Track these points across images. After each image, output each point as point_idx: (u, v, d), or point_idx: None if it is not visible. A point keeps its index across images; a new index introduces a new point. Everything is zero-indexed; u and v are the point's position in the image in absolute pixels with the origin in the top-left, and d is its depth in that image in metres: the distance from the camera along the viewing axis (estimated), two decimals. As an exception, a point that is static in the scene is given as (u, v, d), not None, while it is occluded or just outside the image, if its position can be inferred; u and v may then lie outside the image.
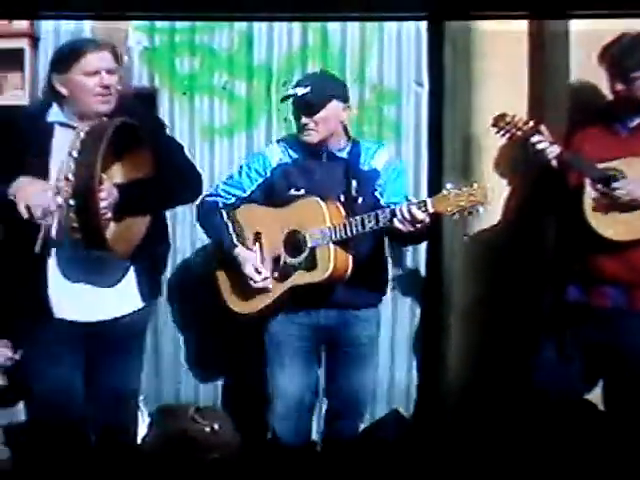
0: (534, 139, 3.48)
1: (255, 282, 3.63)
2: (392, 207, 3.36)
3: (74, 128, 3.24)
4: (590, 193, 3.41)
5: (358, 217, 3.41)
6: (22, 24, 4.28)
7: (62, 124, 3.31)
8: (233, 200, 3.73)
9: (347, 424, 3.90)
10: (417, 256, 4.43)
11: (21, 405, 4.08)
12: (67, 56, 3.30)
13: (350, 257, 3.52)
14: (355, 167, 3.64)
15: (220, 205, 3.72)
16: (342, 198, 3.59)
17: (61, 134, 3.29)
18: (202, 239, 4.44)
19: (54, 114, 3.32)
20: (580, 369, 3.57)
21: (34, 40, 4.27)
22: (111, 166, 3.21)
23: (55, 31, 4.29)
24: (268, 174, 3.68)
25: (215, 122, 4.50)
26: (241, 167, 3.79)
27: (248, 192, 3.71)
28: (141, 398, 4.42)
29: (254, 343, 3.89)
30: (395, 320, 4.50)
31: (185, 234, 4.52)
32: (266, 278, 3.63)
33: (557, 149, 3.46)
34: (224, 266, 3.78)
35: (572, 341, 3.56)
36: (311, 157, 3.66)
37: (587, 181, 3.41)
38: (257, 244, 3.69)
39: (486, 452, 3.92)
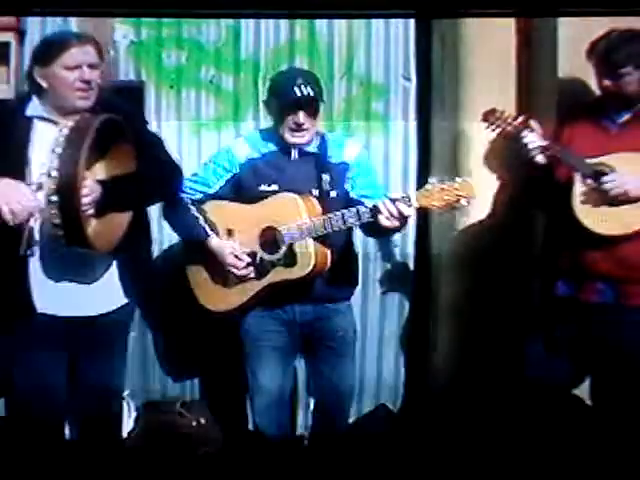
0: (524, 134, 3.47)
1: (238, 270, 3.59)
2: (374, 203, 3.35)
3: (54, 123, 3.22)
4: (580, 188, 3.41)
5: (339, 213, 3.40)
6: (8, 17, 4.24)
7: (42, 118, 3.27)
8: (200, 196, 3.69)
9: (333, 419, 3.90)
10: (405, 251, 4.42)
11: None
12: (49, 49, 3.26)
13: (329, 252, 3.51)
14: (325, 161, 3.63)
15: (188, 201, 3.67)
16: (316, 193, 3.57)
17: (41, 129, 3.26)
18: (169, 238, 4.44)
19: (33, 108, 3.28)
20: (568, 363, 3.58)
21: (20, 34, 4.23)
22: (94, 162, 3.17)
23: (41, 25, 4.25)
24: (236, 169, 3.65)
25: (202, 116, 4.48)
26: (206, 163, 3.77)
27: (215, 188, 3.68)
28: (127, 392, 4.43)
29: (231, 339, 3.87)
30: (383, 315, 4.49)
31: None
32: (248, 265, 3.59)
33: (547, 144, 3.46)
34: (196, 263, 3.74)
35: (560, 336, 3.57)
36: (281, 152, 3.64)
37: (577, 176, 3.41)
38: (231, 240, 3.65)
39: (474, 446, 3.93)
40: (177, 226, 3.75)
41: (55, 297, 3.28)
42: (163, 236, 4.35)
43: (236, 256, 3.59)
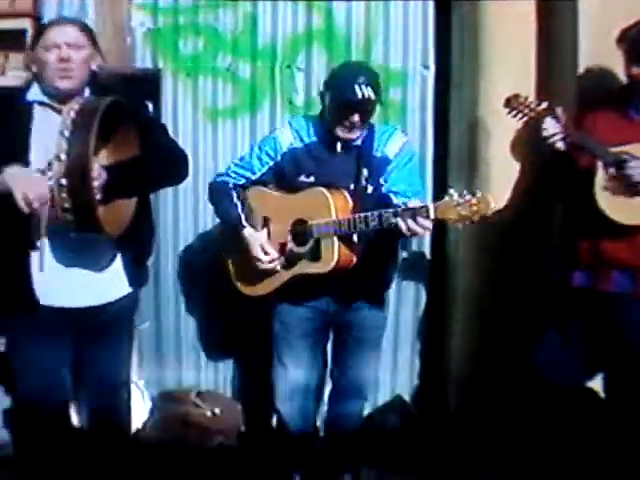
0: (546, 120, 3.42)
1: (262, 263, 3.61)
2: (396, 209, 3.30)
3: (52, 107, 3.22)
4: (602, 176, 3.36)
5: (362, 215, 3.37)
6: (25, 4, 4.24)
7: (41, 103, 3.25)
8: (243, 181, 3.70)
9: (350, 405, 3.88)
10: (422, 240, 4.38)
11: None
12: (35, 32, 3.32)
13: (354, 251, 3.49)
14: (368, 155, 3.59)
15: (231, 185, 3.69)
16: (352, 187, 3.55)
17: (40, 114, 3.24)
18: (205, 223, 4.47)
19: (33, 93, 3.27)
20: (584, 354, 3.54)
21: (37, 20, 4.21)
22: (100, 146, 3.12)
23: (58, 11, 4.25)
24: (279, 157, 3.64)
25: (219, 104, 4.46)
26: (252, 148, 3.76)
27: (258, 174, 3.68)
28: (142, 382, 4.43)
29: (261, 326, 3.90)
30: (399, 306, 4.47)
31: (188, 218, 4.51)
32: (273, 260, 3.61)
33: (570, 131, 3.41)
34: (232, 248, 3.76)
35: (577, 326, 3.53)
36: (325, 144, 3.61)
37: (599, 164, 3.37)
38: (265, 229, 3.67)
39: (489, 438, 3.92)
40: (218, 209, 3.76)
41: (60, 288, 3.25)
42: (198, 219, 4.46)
43: (264, 250, 3.61)
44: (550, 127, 3.41)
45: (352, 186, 3.54)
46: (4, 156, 3.07)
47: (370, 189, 3.57)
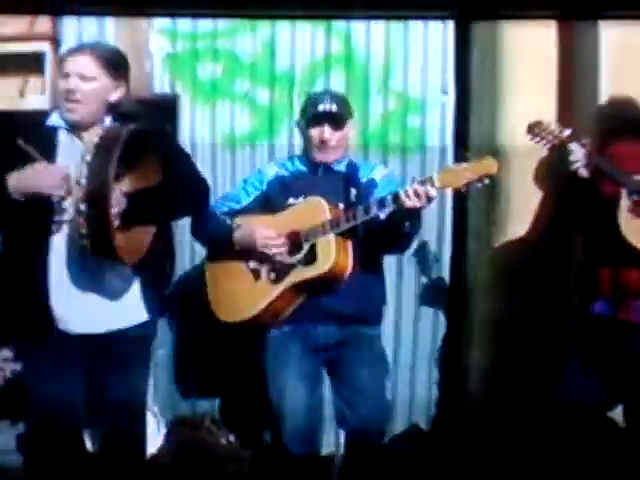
0: (570, 147, 3.40)
1: (274, 246, 3.51)
2: (397, 190, 3.30)
3: (73, 133, 3.23)
4: (626, 204, 3.34)
5: (360, 205, 3.38)
6: (44, 27, 4.26)
7: (64, 129, 3.26)
8: (227, 210, 3.66)
9: (366, 449, 3.73)
10: (440, 268, 4.37)
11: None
12: (58, 59, 3.36)
13: (350, 256, 3.45)
14: (354, 178, 3.61)
15: (215, 212, 3.64)
16: (342, 206, 3.53)
17: (65, 137, 3.25)
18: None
19: (53, 119, 3.28)
20: (605, 384, 3.50)
21: (56, 43, 4.23)
22: (121, 173, 3.12)
23: (77, 35, 4.26)
24: (264, 187, 3.65)
25: (236, 130, 4.46)
26: (238, 186, 3.78)
27: (244, 203, 3.66)
28: (156, 409, 4.40)
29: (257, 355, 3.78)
30: (417, 334, 4.44)
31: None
32: (280, 239, 3.52)
33: (594, 158, 3.39)
34: (218, 274, 3.70)
35: (597, 356, 3.49)
36: (309, 170, 3.64)
37: (623, 192, 3.35)
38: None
39: (507, 468, 3.87)
40: (203, 232, 3.70)
41: (76, 313, 3.23)
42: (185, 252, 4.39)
43: (265, 234, 3.52)
44: (574, 154, 3.39)
45: (342, 205, 3.53)
46: None
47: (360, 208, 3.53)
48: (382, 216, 3.38)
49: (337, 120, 3.55)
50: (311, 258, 3.46)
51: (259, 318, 3.59)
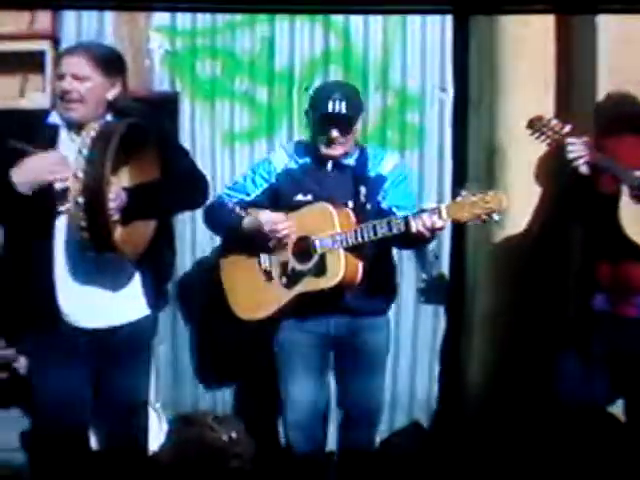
0: (570, 142, 3.40)
1: (279, 231, 3.52)
2: (407, 215, 3.30)
3: (71, 131, 3.24)
4: (626, 200, 3.34)
5: (370, 223, 3.37)
6: (43, 26, 4.26)
7: (63, 126, 3.28)
8: (238, 201, 3.67)
9: (361, 433, 3.81)
10: (440, 263, 4.38)
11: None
12: (55, 59, 3.38)
13: (360, 264, 3.47)
14: (362, 174, 3.60)
15: (227, 201, 3.67)
16: (351, 204, 3.55)
17: (65, 134, 3.26)
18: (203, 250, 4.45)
19: (52, 117, 3.30)
20: (604, 379, 3.50)
21: (55, 42, 4.23)
22: (119, 168, 3.15)
23: (77, 33, 4.27)
24: (273, 179, 3.64)
25: (236, 127, 4.47)
26: (246, 173, 3.76)
27: (252, 196, 3.66)
28: (158, 406, 4.41)
29: (265, 350, 3.83)
30: (417, 330, 4.44)
31: (206, 241, 4.48)
32: (286, 222, 3.53)
33: (594, 154, 3.39)
34: (230, 270, 3.73)
35: (597, 351, 3.49)
36: (317, 164, 3.63)
37: (623, 188, 3.35)
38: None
39: (507, 464, 3.88)
40: (215, 223, 3.73)
41: (81, 307, 3.25)
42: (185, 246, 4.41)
43: (274, 220, 3.53)
44: (574, 150, 3.38)
45: (351, 204, 3.54)
46: None
47: (369, 206, 3.56)
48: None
49: (347, 121, 3.53)
50: (321, 268, 3.48)
51: (270, 318, 3.64)
